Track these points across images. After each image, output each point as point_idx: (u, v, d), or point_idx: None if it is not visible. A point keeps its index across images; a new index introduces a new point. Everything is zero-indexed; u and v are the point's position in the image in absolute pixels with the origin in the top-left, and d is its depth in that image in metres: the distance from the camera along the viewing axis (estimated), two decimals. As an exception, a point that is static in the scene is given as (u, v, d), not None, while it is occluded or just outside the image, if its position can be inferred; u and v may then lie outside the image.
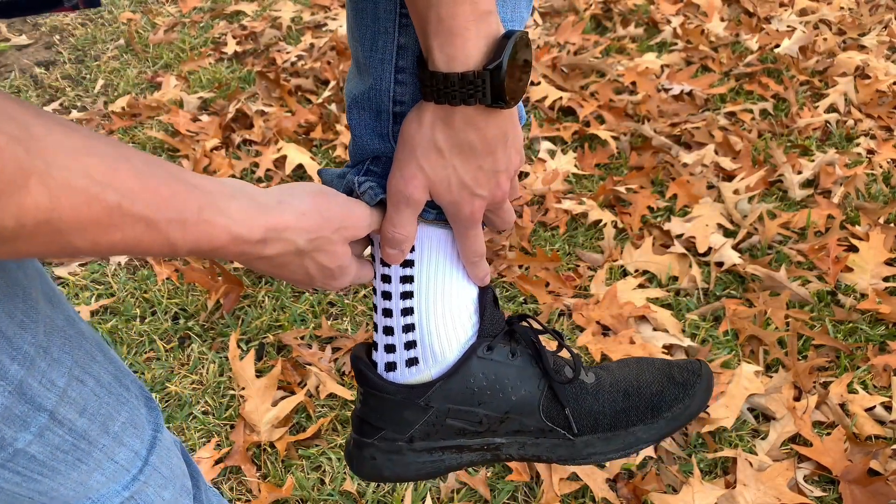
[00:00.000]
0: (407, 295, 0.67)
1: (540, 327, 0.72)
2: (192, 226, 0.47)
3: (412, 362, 0.68)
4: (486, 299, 0.69)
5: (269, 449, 1.39)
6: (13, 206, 0.38)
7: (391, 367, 0.69)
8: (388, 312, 0.69)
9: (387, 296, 0.68)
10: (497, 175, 0.62)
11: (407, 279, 0.67)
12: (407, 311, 0.68)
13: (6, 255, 0.40)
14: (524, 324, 0.71)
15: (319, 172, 0.72)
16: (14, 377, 0.54)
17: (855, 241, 1.67)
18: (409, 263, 0.67)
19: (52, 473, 0.60)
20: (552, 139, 2.11)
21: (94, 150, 0.42)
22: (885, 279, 1.61)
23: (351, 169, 0.68)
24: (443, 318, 0.68)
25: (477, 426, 0.69)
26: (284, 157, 2.08)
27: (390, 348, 0.69)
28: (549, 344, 0.74)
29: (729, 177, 1.92)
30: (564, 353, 0.74)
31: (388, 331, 0.69)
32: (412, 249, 0.66)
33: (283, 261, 0.57)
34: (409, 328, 0.68)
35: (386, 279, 0.68)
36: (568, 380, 0.70)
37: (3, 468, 0.56)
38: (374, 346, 0.71)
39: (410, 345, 0.68)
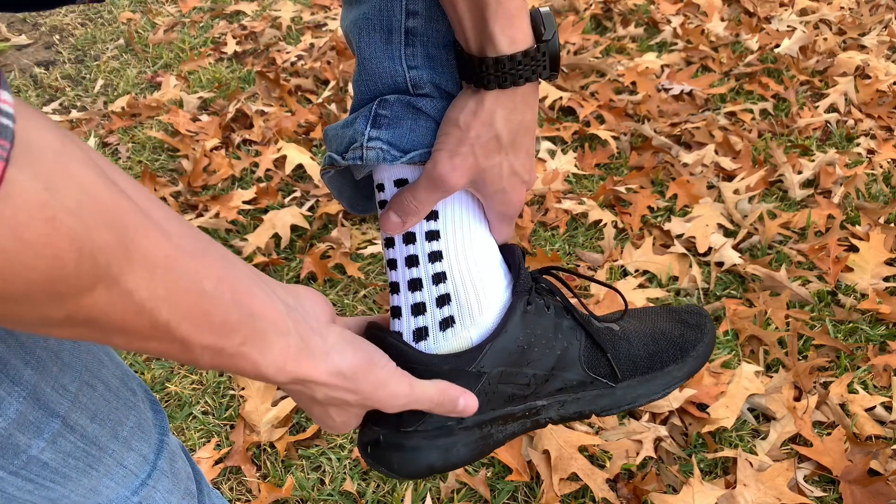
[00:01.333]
0: (436, 256, 0.63)
1: (558, 278, 0.72)
2: (225, 356, 0.46)
3: (447, 323, 0.63)
4: (518, 255, 0.67)
5: (269, 449, 1.38)
6: (72, 304, 0.36)
7: (421, 335, 0.63)
8: (414, 275, 0.64)
9: (412, 261, 0.63)
10: (533, 159, 0.63)
11: (433, 235, 0.63)
12: (437, 261, 0.63)
13: (41, 332, 0.38)
14: (547, 277, 0.71)
15: (325, 130, 0.67)
16: (28, 382, 0.53)
17: (855, 241, 1.67)
18: (433, 215, 0.63)
19: (63, 480, 0.59)
20: (552, 139, 2.11)
21: (175, 264, 0.40)
22: (886, 279, 1.61)
23: (358, 114, 0.63)
24: (477, 273, 0.63)
25: (525, 388, 0.66)
26: (284, 157, 2.08)
27: (418, 308, 0.63)
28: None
29: (729, 177, 1.92)
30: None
31: (416, 284, 0.63)
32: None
33: (298, 397, 0.56)
34: (439, 278, 0.63)
35: (409, 238, 0.63)
36: (600, 327, 0.70)
37: (16, 476, 0.56)
38: (394, 315, 0.65)
39: (443, 300, 0.63)
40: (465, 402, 0.60)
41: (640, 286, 1.63)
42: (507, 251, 0.67)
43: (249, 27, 2.81)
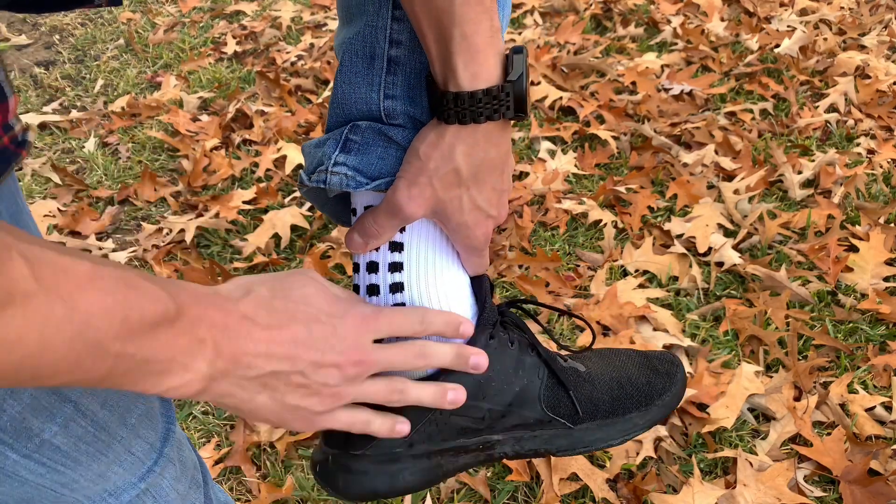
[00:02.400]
0: (397, 287, 0.63)
1: (525, 311, 0.73)
2: (182, 298, 0.47)
3: None
4: (485, 287, 0.66)
5: (269, 449, 1.38)
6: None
7: None
8: (374, 303, 0.64)
9: (373, 290, 0.64)
10: (503, 195, 0.62)
11: (396, 267, 0.63)
12: (397, 292, 0.63)
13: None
14: (513, 310, 0.70)
15: (303, 146, 0.67)
16: None
17: (855, 241, 1.67)
18: (397, 247, 0.63)
19: (74, 465, 0.60)
20: (552, 139, 2.11)
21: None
22: (886, 279, 1.61)
23: (330, 136, 0.63)
24: (439, 305, 0.64)
25: (479, 423, 0.65)
26: (284, 157, 2.08)
27: None
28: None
29: (729, 177, 1.92)
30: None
31: None
32: (402, 230, 0.63)
33: (268, 309, 0.53)
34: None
35: (372, 268, 0.64)
36: (565, 366, 0.69)
37: (29, 459, 0.57)
38: None
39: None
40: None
41: (641, 286, 1.63)
42: (475, 283, 0.67)
43: (249, 27, 2.81)
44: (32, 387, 0.42)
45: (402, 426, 0.59)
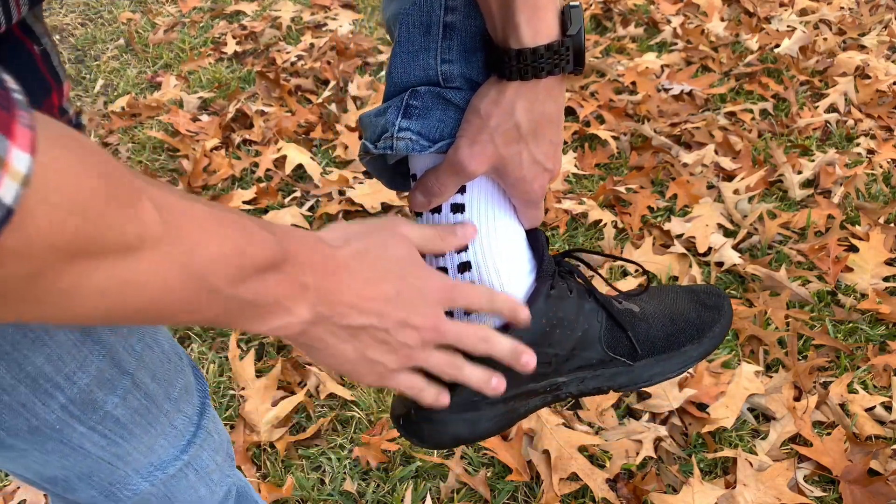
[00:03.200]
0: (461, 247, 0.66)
1: (580, 259, 0.75)
2: (288, 242, 0.47)
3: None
4: (542, 240, 0.69)
5: (269, 449, 1.39)
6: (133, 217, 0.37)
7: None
8: (441, 263, 0.67)
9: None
10: (558, 148, 0.63)
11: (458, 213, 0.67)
12: (463, 262, 0.66)
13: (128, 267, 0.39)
14: (568, 260, 0.73)
15: (360, 117, 0.70)
16: (107, 342, 0.57)
17: (855, 241, 1.67)
18: (459, 208, 0.66)
19: (129, 437, 0.63)
20: (552, 139, 2.11)
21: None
22: (886, 279, 1.61)
23: (390, 103, 0.65)
24: (501, 259, 0.66)
25: (546, 367, 0.68)
26: (284, 157, 2.08)
27: None
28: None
29: (729, 177, 1.92)
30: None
31: (442, 270, 0.67)
32: (463, 190, 0.65)
33: (363, 263, 0.55)
34: (464, 267, 0.66)
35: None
36: (621, 308, 0.73)
37: (93, 431, 0.60)
38: None
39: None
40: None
41: (640, 286, 1.63)
42: (532, 236, 0.69)
43: (249, 27, 2.81)
44: (153, 324, 0.44)
45: (444, 398, 0.62)
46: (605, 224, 1.78)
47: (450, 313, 0.65)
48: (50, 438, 0.58)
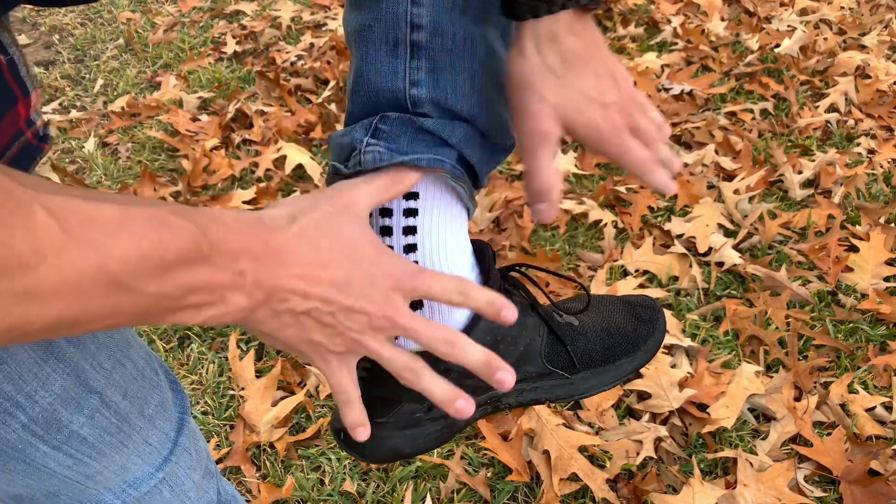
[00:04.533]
0: (410, 248, 0.64)
1: (525, 274, 0.76)
2: (212, 229, 0.45)
3: None
4: (488, 254, 0.68)
5: (268, 449, 1.38)
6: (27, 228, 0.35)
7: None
8: None
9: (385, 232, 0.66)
10: (614, 76, 0.60)
11: (410, 230, 0.64)
12: (410, 252, 0.65)
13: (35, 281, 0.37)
14: (513, 274, 0.74)
15: (329, 137, 0.67)
16: (71, 359, 0.56)
17: (855, 241, 1.67)
18: (412, 213, 0.64)
19: (98, 456, 0.61)
20: (552, 139, 2.10)
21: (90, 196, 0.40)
22: (886, 279, 1.60)
23: (355, 126, 0.62)
24: (447, 269, 0.65)
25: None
26: (284, 157, 2.08)
27: None
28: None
29: (729, 177, 1.92)
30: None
31: None
32: (416, 197, 0.63)
33: (307, 240, 0.51)
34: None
35: (386, 231, 0.64)
36: (561, 322, 0.74)
37: (58, 451, 0.58)
38: None
39: (417, 304, 0.65)
40: (507, 310, 0.58)
41: (641, 286, 1.63)
42: (478, 250, 0.68)
43: (249, 27, 2.81)
44: (72, 335, 0.41)
45: (363, 432, 0.59)
46: (606, 224, 1.77)
47: (417, 306, 0.63)
48: (11, 458, 0.57)
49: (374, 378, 0.64)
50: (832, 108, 2.14)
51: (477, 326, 0.65)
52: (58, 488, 0.61)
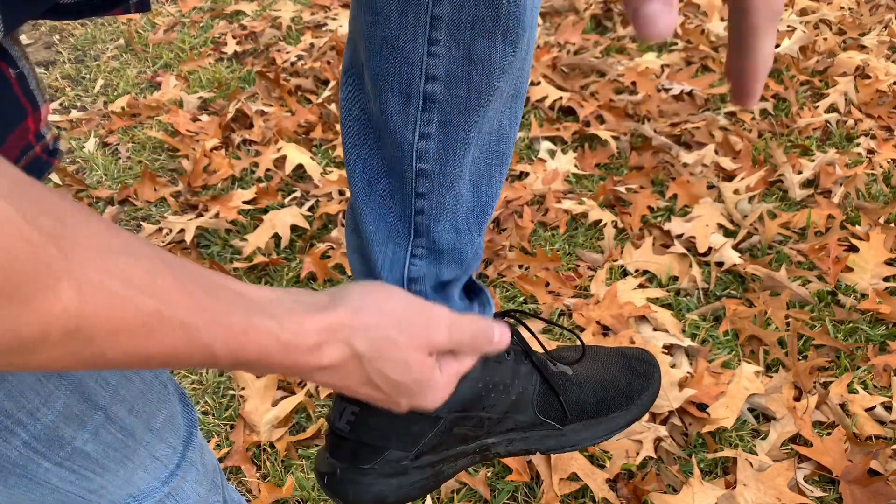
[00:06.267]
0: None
1: (520, 321, 0.75)
2: (236, 333, 0.41)
3: None
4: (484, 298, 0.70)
5: (269, 449, 1.38)
6: (39, 311, 0.33)
7: None
8: None
9: None
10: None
11: None
12: None
13: (24, 366, 0.35)
14: (508, 320, 0.73)
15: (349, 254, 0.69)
16: (74, 376, 0.55)
17: (855, 241, 1.67)
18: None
19: (103, 471, 0.61)
20: (552, 139, 2.11)
21: (133, 251, 0.37)
22: (886, 279, 1.61)
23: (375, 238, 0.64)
24: None
25: (478, 430, 0.69)
26: (284, 157, 2.08)
27: None
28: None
29: (729, 177, 1.92)
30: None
31: None
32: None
33: (345, 372, 0.48)
34: None
35: None
36: (555, 371, 0.73)
37: (60, 467, 0.57)
38: None
39: None
40: (500, 332, 0.58)
41: (641, 286, 1.63)
42: (473, 292, 0.69)
43: (249, 27, 2.81)
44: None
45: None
46: (605, 224, 1.78)
47: None
48: (12, 474, 0.56)
49: (361, 425, 0.64)
50: (832, 109, 2.14)
51: (464, 379, 0.63)
52: (60, 502, 0.61)
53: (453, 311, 0.55)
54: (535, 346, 0.75)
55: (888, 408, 1.36)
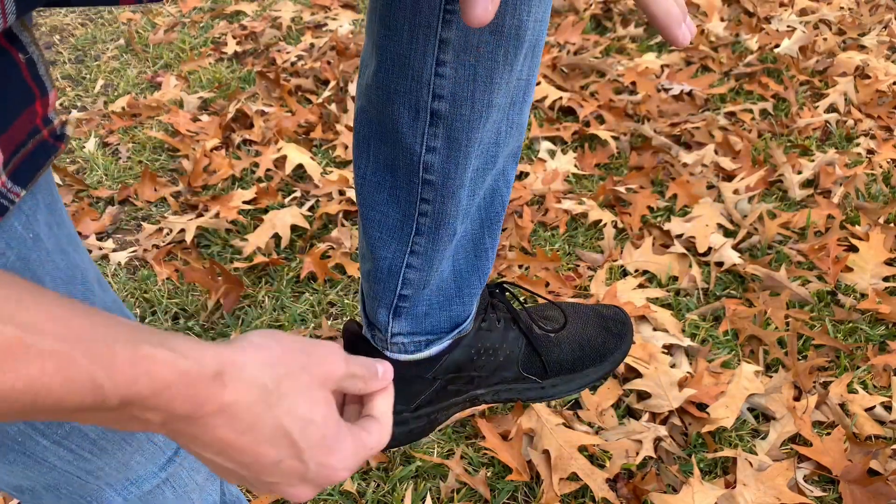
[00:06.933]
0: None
1: (510, 292, 0.88)
2: (123, 361, 0.35)
3: None
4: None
5: (269, 449, 1.38)
6: None
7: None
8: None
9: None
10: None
11: None
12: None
13: None
14: (498, 290, 0.86)
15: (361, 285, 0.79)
16: None
17: (855, 241, 1.67)
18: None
19: (100, 453, 0.61)
20: (552, 139, 2.11)
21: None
22: (885, 279, 1.61)
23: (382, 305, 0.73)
24: None
25: (469, 385, 0.80)
26: (284, 157, 2.08)
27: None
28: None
29: (729, 177, 1.92)
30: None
31: None
32: None
33: (252, 415, 0.42)
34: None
35: None
36: (539, 333, 0.85)
37: (58, 445, 0.58)
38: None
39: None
40: (383, 368, 0.56)
41: (640, 286, 1.63)
42: None
43: (249, 27, 2.81)
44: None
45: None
46: (605, 224, 1.78)
47: None
48: (11, 450, 0.56)
49: None
50: (832, 109, 2.14)
51: (462, 342, 0.76)
52: (58, 482, 0.61)
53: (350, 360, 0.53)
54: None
55: (888, 408, 1.37)
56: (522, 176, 1.98)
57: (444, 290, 0.74)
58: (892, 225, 1.72)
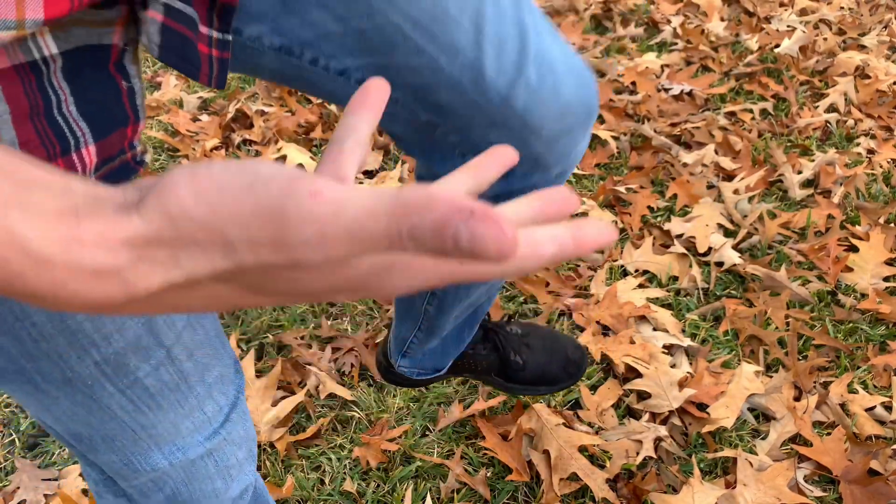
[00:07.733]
0: None
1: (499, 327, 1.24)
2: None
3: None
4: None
5: (269, 449, 1.38)
6: None
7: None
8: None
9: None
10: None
11: None
12: None
13: None
14: (490, 326, 1.21)
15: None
16: None
17: (855, 241, 1.67)
18: None
19: (156, 408, 0.65)
20: (552, 139, 2.11)
21: None
22: (886, 279, 1.61)
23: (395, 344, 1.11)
24: None
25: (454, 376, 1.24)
26: (284, 157, 2.08)
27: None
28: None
29: (729, 177, 1.92)
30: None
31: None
32: None
33: (206, 296, 0.29)
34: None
35: None
36: (510, 362, 1.21)
37: (122, 394, 0.62)
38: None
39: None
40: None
41: (640, 286, 1.63)
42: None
43: (249, 27, 2.81)
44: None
45: None
46: (605, 224, 1.77)
47: None
48: (80, 391, 0.61)
49: (388, 375, 1.18)
50: (832, 108, 2.14)
51: (464, 355, 1.17)
52: (114, 432, 0.65)
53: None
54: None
55: (888, 408, 1.36)
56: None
57: (445, 344, 1.08)
58: (892, 225, 1.72)
